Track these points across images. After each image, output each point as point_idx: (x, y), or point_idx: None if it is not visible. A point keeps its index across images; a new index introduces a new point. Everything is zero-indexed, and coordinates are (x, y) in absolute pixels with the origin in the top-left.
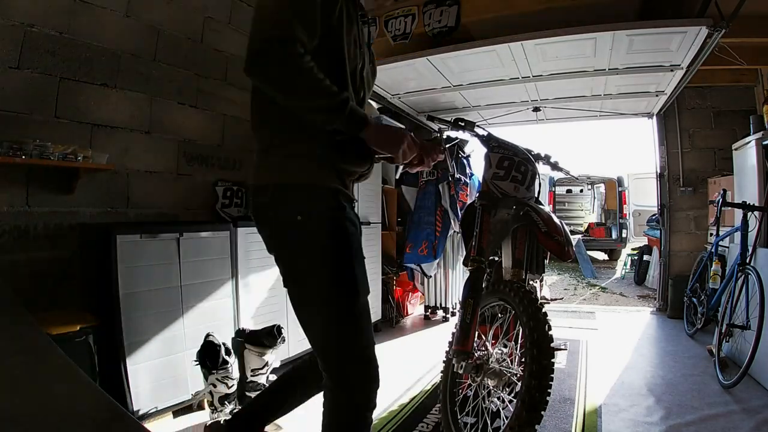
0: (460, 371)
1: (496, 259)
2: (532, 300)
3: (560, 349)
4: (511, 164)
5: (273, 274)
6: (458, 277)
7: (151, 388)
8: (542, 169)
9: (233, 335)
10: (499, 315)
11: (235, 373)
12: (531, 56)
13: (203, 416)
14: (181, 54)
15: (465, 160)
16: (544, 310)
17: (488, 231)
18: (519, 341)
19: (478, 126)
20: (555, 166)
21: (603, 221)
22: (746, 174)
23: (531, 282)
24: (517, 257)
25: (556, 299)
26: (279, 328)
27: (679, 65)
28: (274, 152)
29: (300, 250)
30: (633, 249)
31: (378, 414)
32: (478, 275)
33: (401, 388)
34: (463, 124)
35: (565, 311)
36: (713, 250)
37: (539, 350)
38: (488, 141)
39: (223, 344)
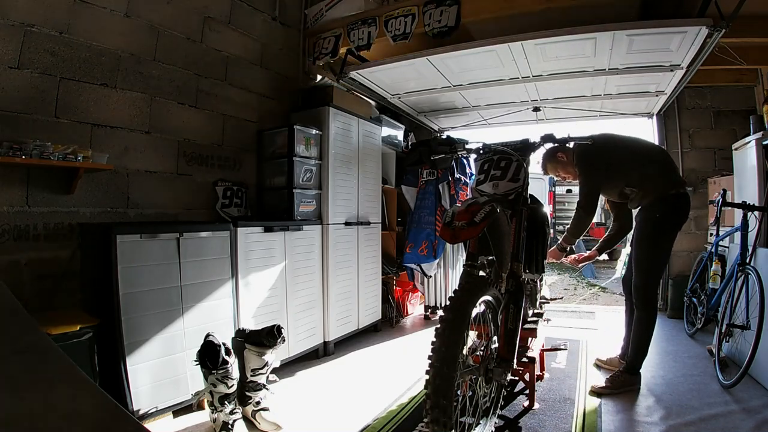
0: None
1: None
2: (517, 278)
3: (560, 349)
4: (491, 164)
5: (273, 273)
6: (458, 277)
7: (151, 387)
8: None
9: (233, 335)
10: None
11: (235, 373)
12: (531, 56)
13: (203, 416)
14: (181, 54)
15: (465, 160)
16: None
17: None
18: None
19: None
20: (564, 141)
21: (603, 221)
22: (746, 174)
23: (531, 282)
24: (509, 251)
25: (556, 299)
26: (279, 328)
27: (679, 65)
28: None
29: None
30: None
31: (378, 414)
32: (469, 279)
33: (401, 388)
34: (460, 147)
35: (565, 311)
36: (713, 250)
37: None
38: (478, 151)
39: (223, 344)
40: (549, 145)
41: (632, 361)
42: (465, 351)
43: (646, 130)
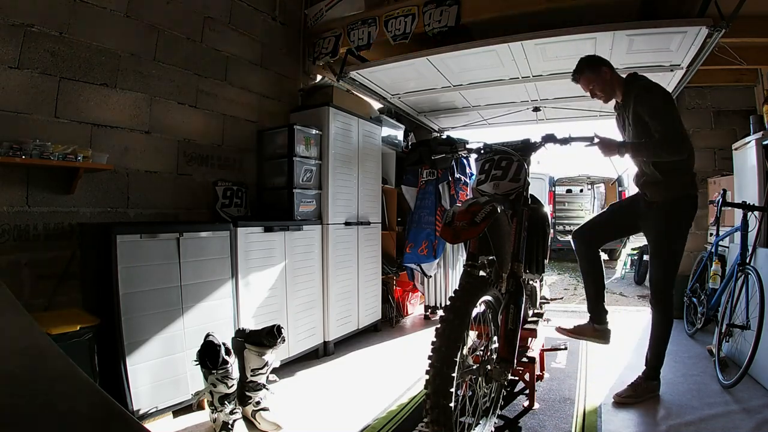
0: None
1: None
2: (518, 278)
3: (560, 349)
4: (492, 164)
5: (273, 273)
6: (458, 277)
7: (151, 387)
8: (546, 165)
9: (233, 335)
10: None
11: (235, 373)
12: (531, 56)
13: (203, 416)
14: (181, 54)
15: (465, 160)
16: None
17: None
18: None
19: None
20: (565, 141)
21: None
22: (746, 174)
23: (531, 282)
24: (509, 251)
25: (556, 299)
26: (279, 328)
27: (679, 65)
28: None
29: None
30: (633, 249)
31: (378, 414)
32: (469, 279)
33: (401, 388)
34: (460, 147)
35: (565, 311)
36: (713, 250)
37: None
38: (479, 151)
39: (223, 344)
40: (550, 145)
41: (654, 366)
42: (465, 351)
43: None
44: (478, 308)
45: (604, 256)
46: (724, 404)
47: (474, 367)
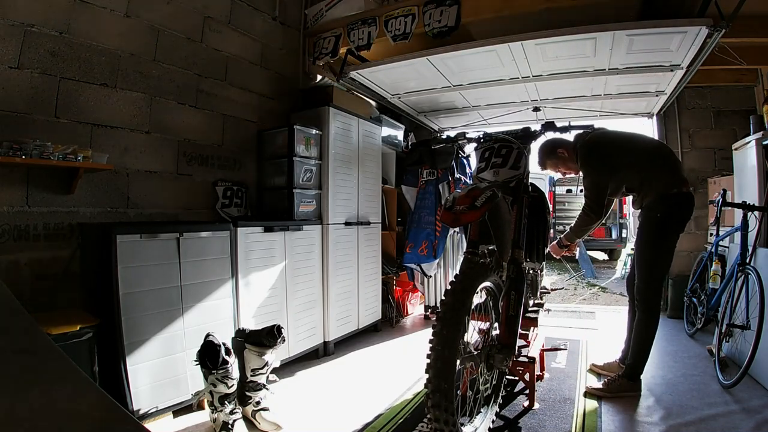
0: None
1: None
2: (518, 264)
3: (560, 349)
4: (492, 152)
5: (273, 273)
6: None
7: (151, 387)
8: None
9: (233, 335)
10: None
11: (235, 373)
12: (531, 56)
13: (203, 416)
14: (181, 54)
15: (465, 160)
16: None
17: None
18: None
19: (468, 134)
20: (564, 129)
21: (603, 221)
22: (746, 174)
23: (531, 271)
24: (510, 238)
25: (557, 288)
26: (279, 328)
27: (679, 65)
28: None
29: None
30: (633, 249)
31: (378, 413)
32: (470, 264)
33: (401, 388)
34: (460, 137)
35: (565, 311)
36: (713, 250)
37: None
38: (478, 140)
39: (223, 344)
40: (550, 134)
41: (632, 365)
42: (466, 337)
43: (646, 130)
44: (479, 295)
45: (604, 256)
46: (724, 404)
47: (475, 353)
